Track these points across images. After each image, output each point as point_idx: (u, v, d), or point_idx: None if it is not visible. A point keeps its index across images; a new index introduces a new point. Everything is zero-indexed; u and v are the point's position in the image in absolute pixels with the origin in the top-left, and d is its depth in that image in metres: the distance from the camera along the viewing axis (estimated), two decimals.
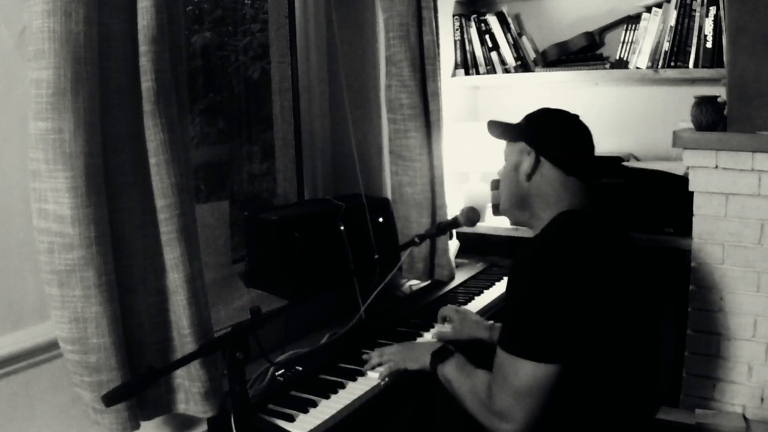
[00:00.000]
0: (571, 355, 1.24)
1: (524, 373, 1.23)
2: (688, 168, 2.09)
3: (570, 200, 1.45)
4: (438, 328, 1.89)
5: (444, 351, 1.52)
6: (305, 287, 1.81)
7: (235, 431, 1.21)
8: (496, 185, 2.57)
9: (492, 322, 1.84)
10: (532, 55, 2.74)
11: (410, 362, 1.57)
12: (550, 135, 1.49)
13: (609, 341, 1.29)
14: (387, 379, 1.57)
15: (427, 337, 1.85)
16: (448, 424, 2.24)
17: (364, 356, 1.65)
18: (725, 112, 2.06)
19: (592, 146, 1.51)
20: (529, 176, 1.47)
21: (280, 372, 1.56)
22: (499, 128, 1.60)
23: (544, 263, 1.28)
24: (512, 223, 1.59)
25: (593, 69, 2.58)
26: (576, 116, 1.52)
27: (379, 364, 1.61)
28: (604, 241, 1.40)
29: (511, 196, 1.53)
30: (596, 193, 1.51)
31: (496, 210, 2.62)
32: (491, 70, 2.76)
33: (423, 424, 2.24)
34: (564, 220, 1.42)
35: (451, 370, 1.46)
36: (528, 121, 1.53)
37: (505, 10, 2.71)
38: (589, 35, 2.63)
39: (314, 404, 1.44)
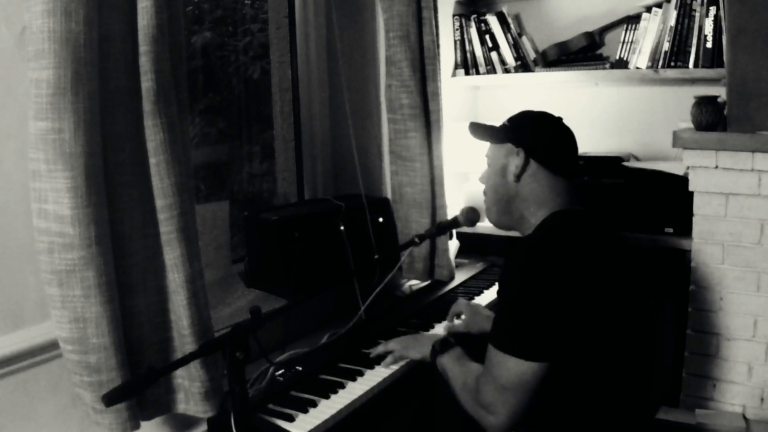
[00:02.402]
0: (558, 354, 1.24)
1: (508, 369, 1.25)
2: (688, 168, 2.09)
3: (558, 201, 1.45)
4: (447, 323, 1.89)
5: (444, 342, 1.55)
6: (305, 287, 1.81)
7: (235, 431, 1.21)
8: None
9: None
10: (532, 55, 2.74)
11: (412, 351, 1.60)
12: (538, 135, 1.49)
13: (602, 340, 1.29)
14: (395, 365, 1.60)
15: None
16: (448, 425, 2.24)
17: (369, 350, 1.67)
18: (725, 112, 2.06)
19: (576, 147, 1.52)
20: (518, 177, 1.46)
21: (280, 372, 1.56)
22: (483, 130, 1.60)
23: (536, 261, 1.28)
24: (500, 228, 1.59)
25: (593, 69, 2.58)
26: (560, 118, 1.53)
27: (384, 355, 1.63)
28: (597, 240, 1.40)
29: (498, 200, 1.52)
30: (582, 193, 1.52)
31: None
32: (491, 70, 2.76)
33: (423, 424, 2.25)
34: (556, 220, 1.43)
35: (448, 361, 1.49)
36: (513, 123, 1.54)
37: (505, 10, 2.71)
38: (589, 35, 2.63)
39: (314, 404, 1.44)
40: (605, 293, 1.30)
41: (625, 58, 2.48)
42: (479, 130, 1.61)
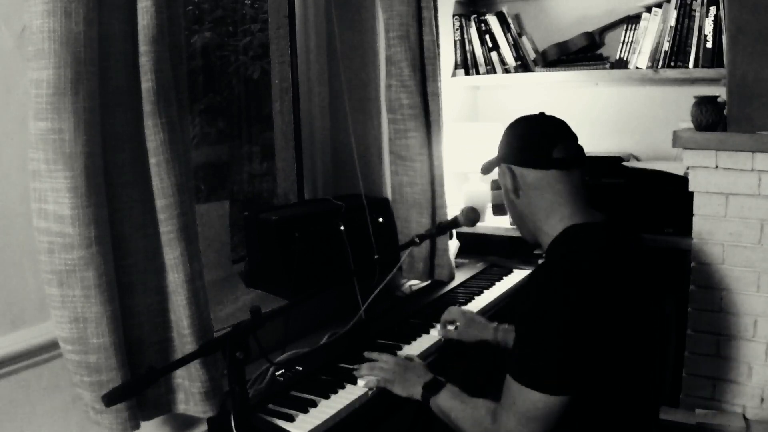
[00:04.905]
0: (579, 387, 1.23)
1: (531, 402, 1.23)
2: (688, 168, 2.09)
3: (568, 208, 1.38)
4: (438, 329, 1.88)
5: (435, 382, 1.49)
6: (305, 287, 1.81)
7: (235, 431, 1.21)
8: (497, 185, 2.58)
9: (497, 323, 1.83)
10: (532, 55, 2.74)
11: (399, 387, 1.53)
12: (510, 140, 1.46)
13: (619, 366, 1.28)
14: (373, 389, 1.54)
15: (426, 338, 1.85)
16: (448, 426, 2.23)
17: (355, 370, 1.59)
18: (725, 112, 2.06)
19: (565, 131, 1.42)
20: (516, 191, 1.43)
21: (280, 372, 1.56)
22: (488, 165, 1.57)
23: (556, 292, 1.24)
24: (531, 243, 1.53)
25: (593, 69, 2.58)
26: (541, 113, 1.47)
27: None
28: (617, 258, 1.33)
29: (515, 218, 1.52)
30: (593, 192, 1.45)
31: (497, 210, 2.63)
32: (491, 70, 2.76)
33: (423, 424, 2.24)
34: (572, 236, 1.35)
35: (445, 400, 1.44)
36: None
37: (505, 10, 2.71)
38: (589, 35, 2.63)
39: (314, 404, 1.44)
40: (623, 317, 1.27)
41: (625, 58, 2.48)
42: (486, 166, 1.57)
